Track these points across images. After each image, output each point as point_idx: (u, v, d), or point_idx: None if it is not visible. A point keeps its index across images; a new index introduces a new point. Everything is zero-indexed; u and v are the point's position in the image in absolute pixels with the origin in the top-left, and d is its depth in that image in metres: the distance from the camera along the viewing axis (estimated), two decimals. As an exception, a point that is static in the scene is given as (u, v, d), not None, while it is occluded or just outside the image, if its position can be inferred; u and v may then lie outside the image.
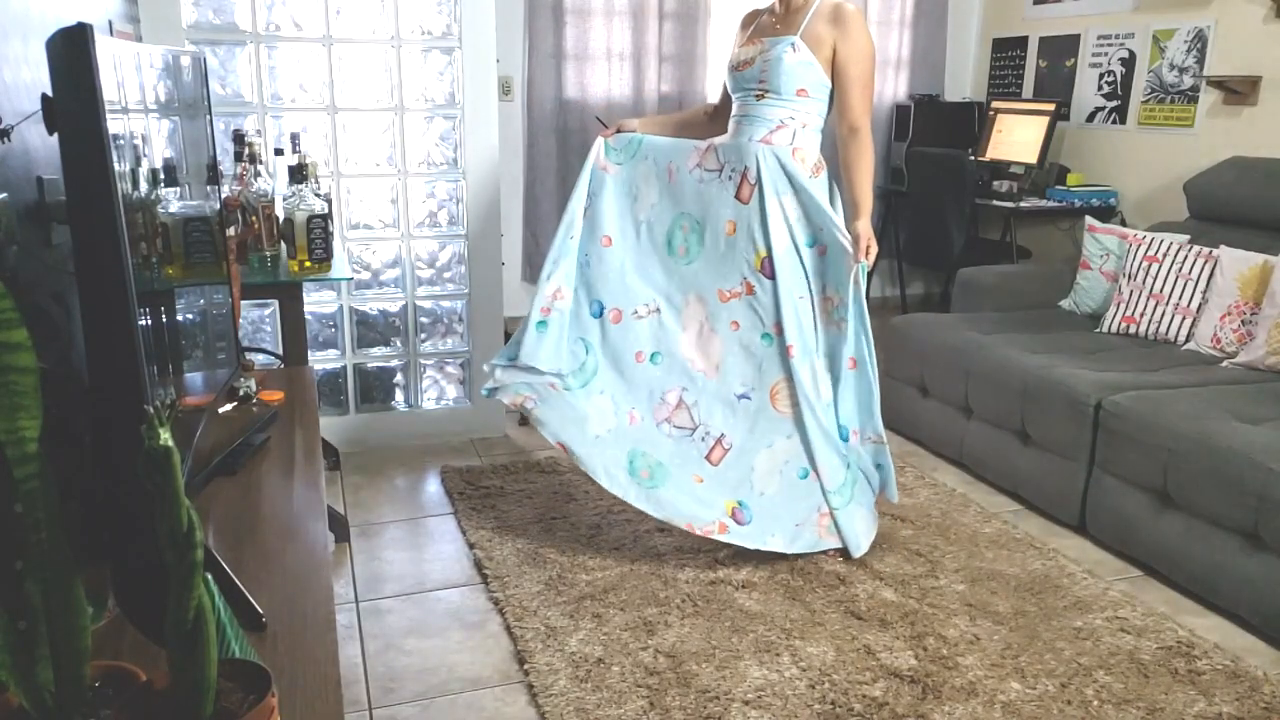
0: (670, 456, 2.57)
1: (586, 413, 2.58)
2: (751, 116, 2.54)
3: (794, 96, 2.49)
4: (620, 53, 4.75)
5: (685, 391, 2.61)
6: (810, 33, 2.46)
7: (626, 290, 2.68)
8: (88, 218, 1.02)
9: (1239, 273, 3.07)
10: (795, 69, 2.46)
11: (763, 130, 2.52)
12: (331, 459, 3.22)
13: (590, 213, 2.70)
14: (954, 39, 5.25)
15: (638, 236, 2.71)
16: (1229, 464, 2.34)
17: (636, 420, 2.61)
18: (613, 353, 2.66)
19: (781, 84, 2.48)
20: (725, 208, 2.59)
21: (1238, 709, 2.01)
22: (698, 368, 2.63)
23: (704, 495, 2.52)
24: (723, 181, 2.59)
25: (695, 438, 2.59)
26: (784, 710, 1.98)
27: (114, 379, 1.04)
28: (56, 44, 0.99)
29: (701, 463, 2.56)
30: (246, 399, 2.00)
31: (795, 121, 2.51)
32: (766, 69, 2.49)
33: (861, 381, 2.56)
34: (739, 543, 2.50)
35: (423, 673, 2.13)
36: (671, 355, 2.64)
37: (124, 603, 1.07)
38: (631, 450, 2.56)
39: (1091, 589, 2.49)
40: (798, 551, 2.53)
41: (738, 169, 2.56)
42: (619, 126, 2.77)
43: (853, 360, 2.54)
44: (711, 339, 2.62)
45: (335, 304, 3.30)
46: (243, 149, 2.55)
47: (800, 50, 2.46)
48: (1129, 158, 4.37)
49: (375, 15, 3.10)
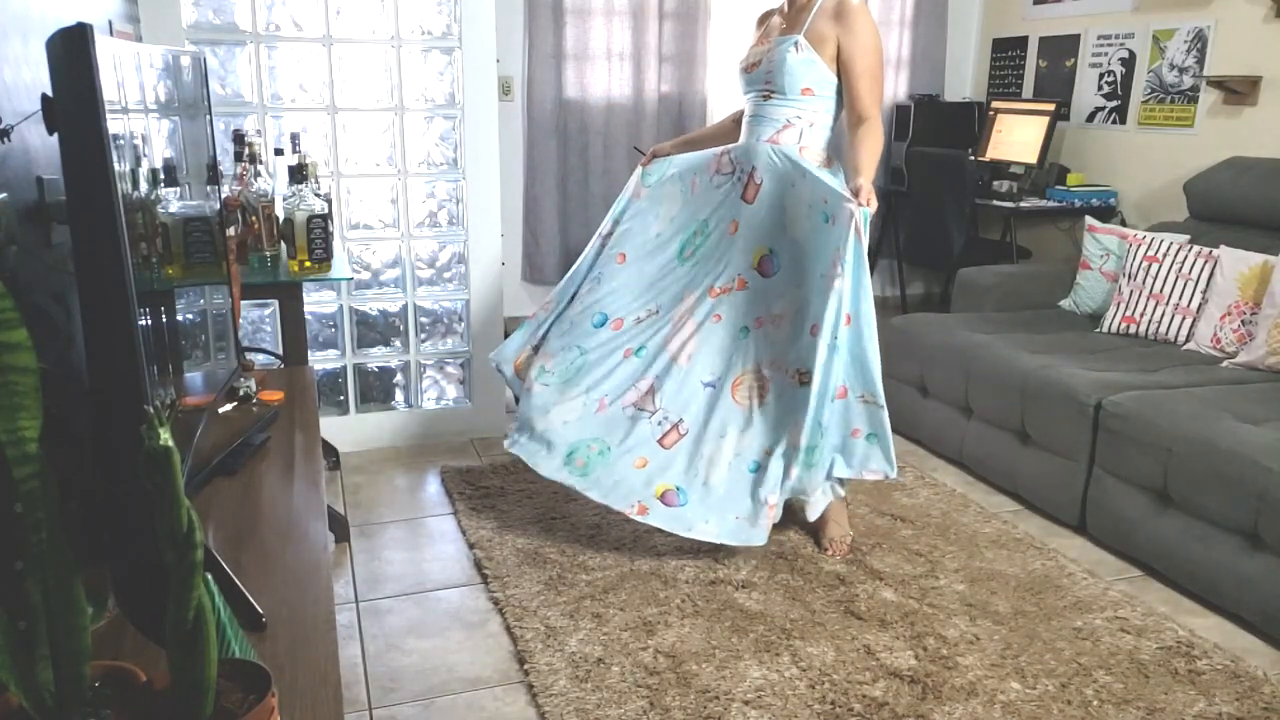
0: (621, 439, 2.56)
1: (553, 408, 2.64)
2: (760, 117, 2.57)
3: (799, 96, 2.50)
4: (620, 53, 4.75)
5: (657, 379, 2.63)
6: (814, 31, 2.47)
7: (631, 300, 2.73)
8: (88, 218, 1.02)
9: (1239, 273, 3.07)
10: (798, 68, 2.47)
11: (770, 130, 2.54)
12: (331, 459, 3.22)
13: (612, 236, 2.78)
14: (954, 39, 5.25)
15: (650, 250, 2.75)
16: (1229, 464, 2.34)
17: (604, 407, 2.62)
18: (603, 351, 2.70)
19: (786, 84, 2.49)
20: (731, 208, 2.63)
21: (1238, 709, 2.01)
22: (674, 357, 2.64)
23: (637, 478, 2.50)
24: (733, 184, 2.63)
25: (654, 421, 2.58)
26: (784, 710, 1.98)
27: (114, 379, 1.04)
28: (56, 44, 0.99)
29: (654, 445, 2.55)
30: (246, 399, 2.00)
31: (802, 120, 2.52)
32: (772, 69, 2.51)
33: (855, 337, 2.43)
34: (659, 524, 2.45)
35: (423, 673, 2.13)
36: (655, 348, 2.67)
37: (124, 603, 1.07)
38: (574, 443, 2.57)
39: (1091, 589, 2.49)
40: (727, 542, 2.45)
41: (746, 169, 2.60)
42: (654, 152, 2.83)
43: (848, 316, 2.42)
44: (692, 330, 2.65)
45: (335, 304, 3.30)
46: (243, 149, 2.55)
47: (804, 49, 2.46)
48: (1129, 158, 4.37)
49: (375, 15, 3.10)
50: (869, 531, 2.78)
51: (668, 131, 4.92)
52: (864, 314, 2.43)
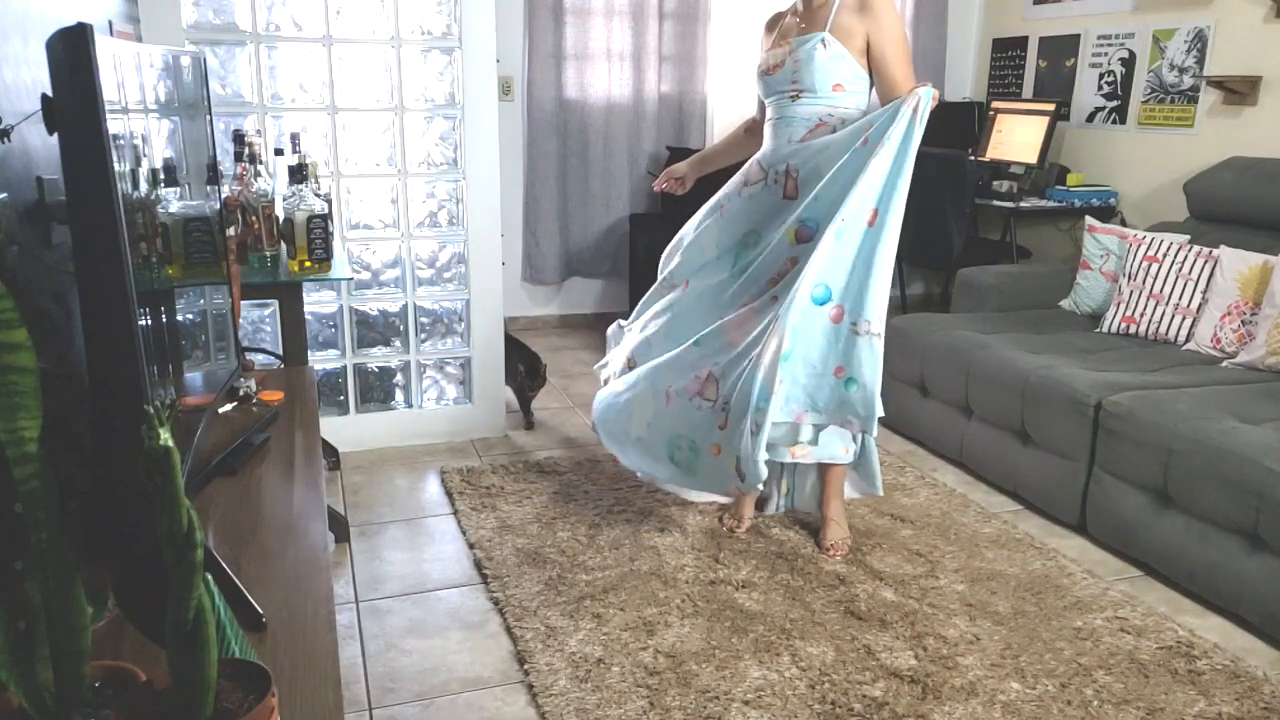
0: (697, 430, 2.50)
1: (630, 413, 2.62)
2: (788, 119, 2.50)
3: (830, 93, 2.44)
4: (620, 53, 4.75)
5: (715, 366, 2.51)
6: (838, 26, 2.41)
7: (698, 320, 2.63)
8: (88, 218, 1.02)
9: (1239, 273, 3.07)
10: (828, 65, 2.41)
11: (801, 130, 2.47)
12: (331, 459, 3.22)
13: (667, 278, 2.76)
14: (954, 39, 5.25)
15: (711, 274, 2.67)
16: (1229, 464, 2.34)
17: (672, 399, 2.56)
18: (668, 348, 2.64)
19: (816, 81, 2.43)
20: (773, 209, 2.53)
21: (1238, 709, 2.01)
22: (730, 343, 2.53)
23: (720, 464, 2.46)
24: (768, 186, 2.55)
25: (717, 408, 2.48)
26: (784, 710, 1.98)
27: (114, 379, 1.04)
28: (56, 44, 0.99)
29: (716, 431, 2.48)
30: (246, 399, 2.00)
31: (834, 118, 2.45)
32: (798, 69, 2.44)
33: (870, 243, 2.26)
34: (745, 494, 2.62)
35: (423, 673, 2.13)
36: (714, 338, 2.56)
37: (124, 603, 1.07)
38: (670, 440, 2.55)
39: (1091, 589, 2.49)
40: None
41: (780, 170, 2.51)
42: (668, 174, 2.78)
43: (874, 212, 2.22)
44: (749, 318, 2.52)
45: (335, 304, 3.30)
46: (243, 149, 2.55)
47: (831, 45, 2.40)
48: (1129, 158, 4.37)
49: (375, 15, 3.10)
50: (869, 531, 2.78)
51: (668, 132, 4.92)
52: (889, 223, 2.26)
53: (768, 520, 2.81)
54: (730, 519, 2.78)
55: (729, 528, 2.76)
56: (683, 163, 2.83)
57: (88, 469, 1.07)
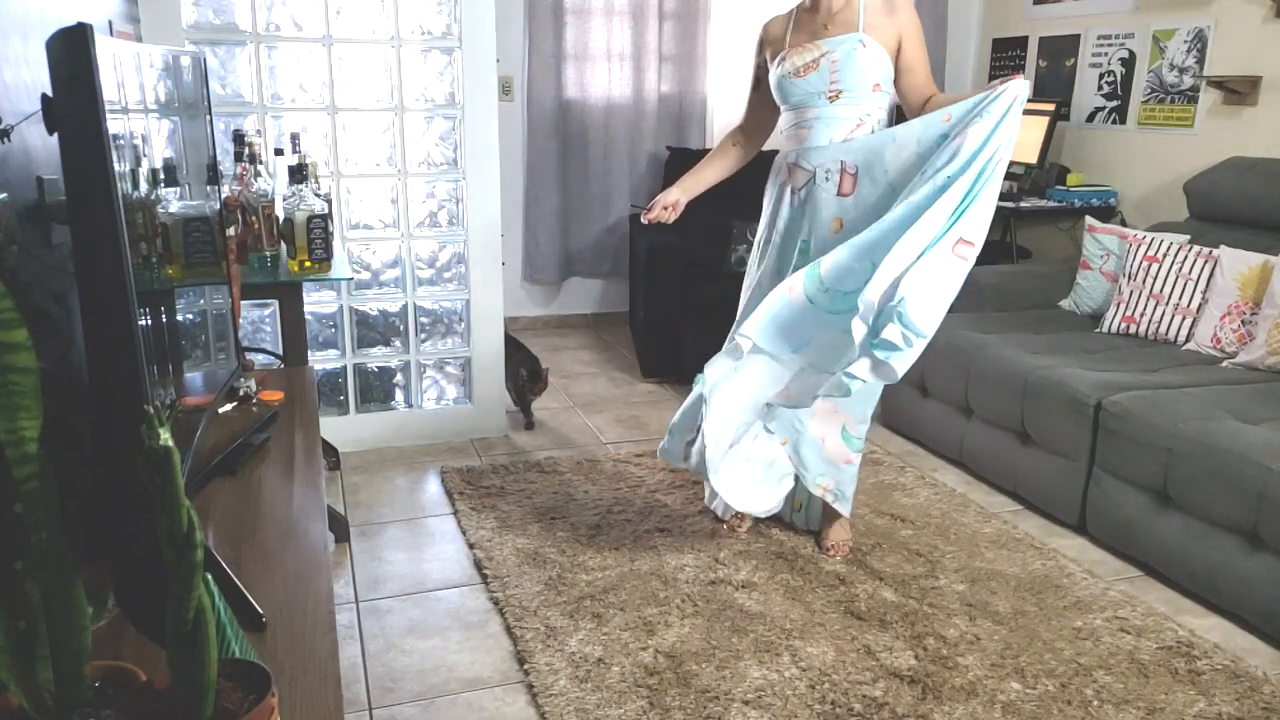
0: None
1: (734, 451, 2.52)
2: (826, 119, 2.42)
3: (869, 93, 2.40)
4: (620, 53, 4.75)
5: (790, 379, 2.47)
6: (871, 26, 2.39)
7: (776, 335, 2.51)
8: (88, 218, 1.02)
9: (1239, 273, 3.07)
10: (869, 64, 2.38)
11: (843, 131, 2.41)
12: (331, 459, 3.22)
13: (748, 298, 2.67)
14: (954, 39, 5.25)
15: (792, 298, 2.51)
16: (1229, 464, 2.34)
17: None
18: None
19: (856, 81, 2.38)
20: (828, 208, 2.45)
21: (1238, 709, 2.01)
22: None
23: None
24: (819, 184, 2.45)
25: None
26: (784, 710, 1.98)
27: (114, 379, 1.04)
28: (56, 44, 0.99)
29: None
30: (246, 399, 2.00)
31: (871, 119, 2.42)
32: (837, 69, 2.38)
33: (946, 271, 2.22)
34: None
35: (423, 673, 2.13)
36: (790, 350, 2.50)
37: (124, 603, 1.07)
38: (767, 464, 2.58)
39: (1091, 589, 2.49)
40: None
41: (833, 168, 2.43)
42: (659, 204, 2.63)
43: (963, 241, 2.19)
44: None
45: (335, 304, 3.30)
46: (243, 149, 2.55)
47: (870, 45, 2.38)
48: (1129, 158, 4.37)
49: (375, 15, 3.10)
50: (869, 531, 2.78)
51: (668, 132, 4.92)
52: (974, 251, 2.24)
53: (768, 520, 2.81)
54: (732, 519, 2.78)
55: (730, 527, 2.76)
56: (673, 188, 2.67)
57: (88, 469, 1.07)
